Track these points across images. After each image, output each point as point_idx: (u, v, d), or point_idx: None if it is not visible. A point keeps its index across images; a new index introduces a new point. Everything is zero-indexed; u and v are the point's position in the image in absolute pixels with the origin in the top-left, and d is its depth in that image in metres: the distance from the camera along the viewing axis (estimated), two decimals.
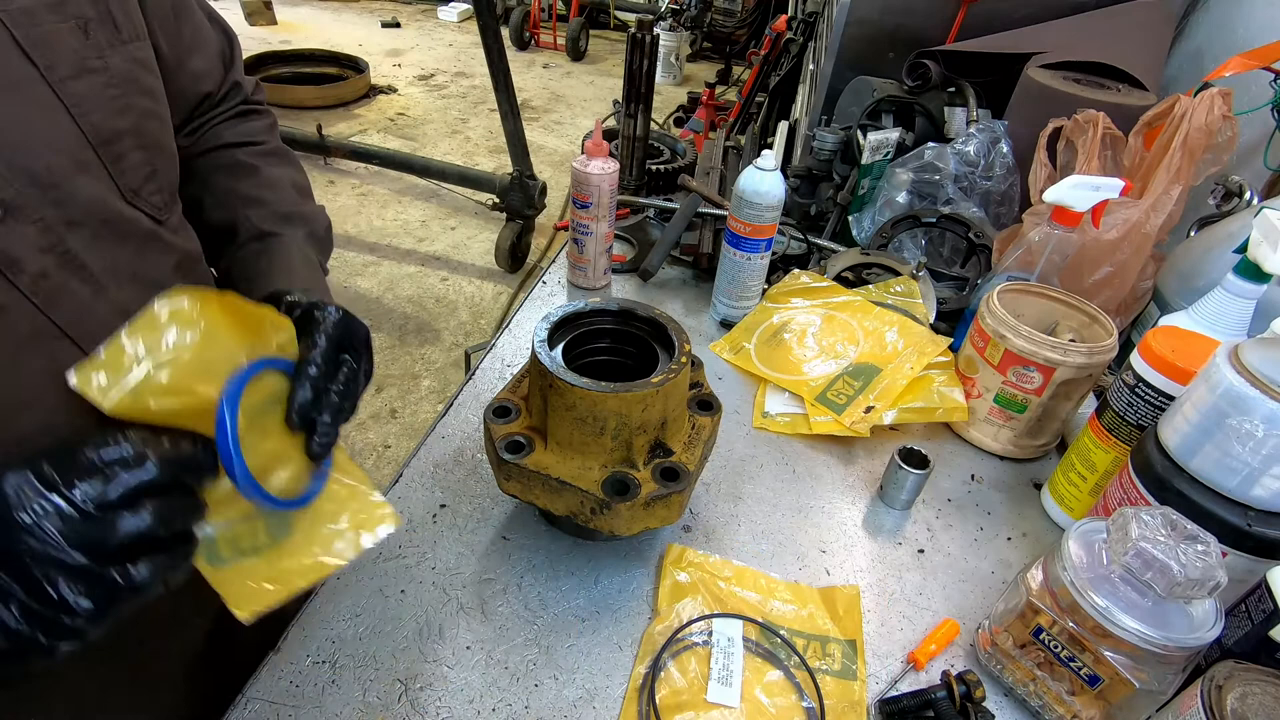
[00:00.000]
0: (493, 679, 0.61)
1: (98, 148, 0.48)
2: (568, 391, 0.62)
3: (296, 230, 0.66)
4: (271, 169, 0.69)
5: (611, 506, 0.61)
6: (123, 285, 0.50)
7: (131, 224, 0.51)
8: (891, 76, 1.45)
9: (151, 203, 0.53)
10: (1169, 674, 0.54)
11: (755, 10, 5.39)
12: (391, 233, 3.54)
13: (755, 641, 0.65)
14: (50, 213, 0.45)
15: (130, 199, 0.51)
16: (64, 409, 0.46)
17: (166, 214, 0.55)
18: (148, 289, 0.50)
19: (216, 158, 0.67)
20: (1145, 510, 0.55)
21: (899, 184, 1.21)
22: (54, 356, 0.46)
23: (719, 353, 1.03)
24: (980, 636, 0.66)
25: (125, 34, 0.52)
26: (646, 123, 1.24)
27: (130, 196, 0.51)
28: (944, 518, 0.81)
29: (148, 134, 0.53)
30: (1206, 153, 0.95)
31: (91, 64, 0.48)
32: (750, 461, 0.86)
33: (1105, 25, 1.34)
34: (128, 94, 0.51)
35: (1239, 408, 0.57)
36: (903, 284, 1.04)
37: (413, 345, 2.82)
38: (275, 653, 0.61)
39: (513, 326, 1.04)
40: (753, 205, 0.96)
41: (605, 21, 6.76)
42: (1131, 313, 1.03)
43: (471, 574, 0.69)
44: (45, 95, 0.45)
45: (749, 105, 3.00)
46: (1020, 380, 0.83)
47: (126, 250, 0.51)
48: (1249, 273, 0.71)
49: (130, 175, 0.51)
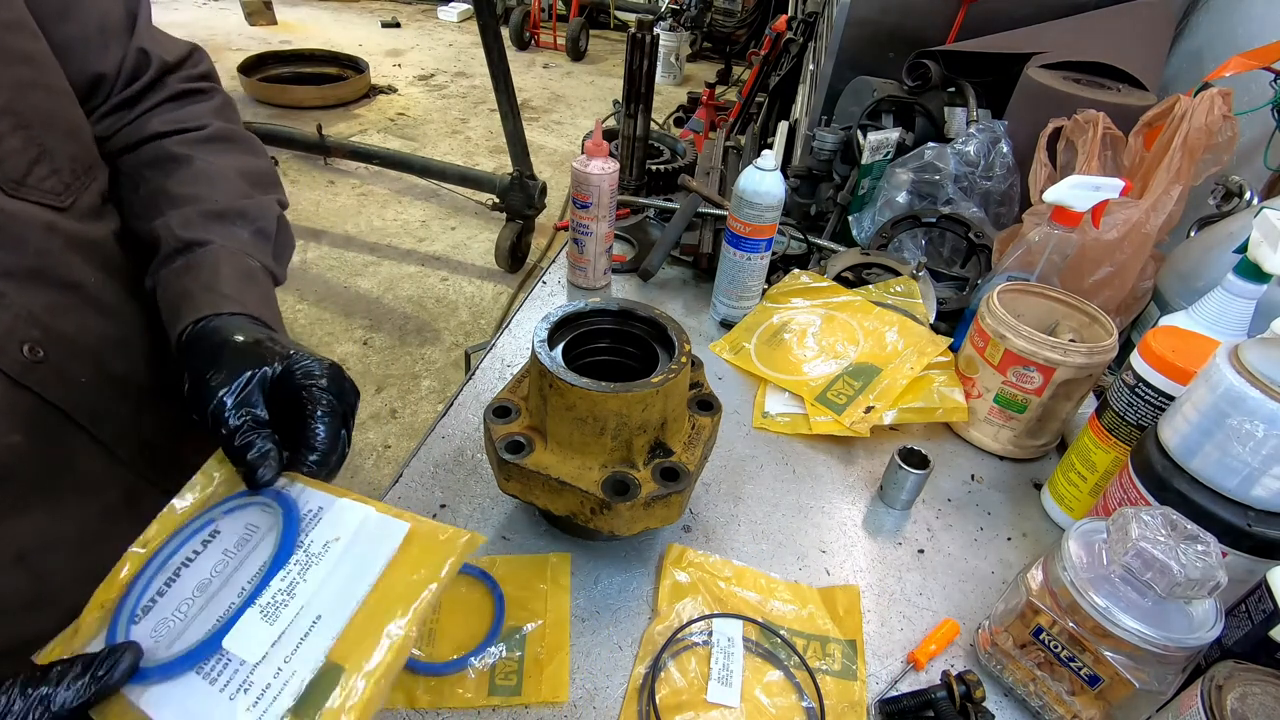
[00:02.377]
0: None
1: None
2: (568, 391, 0.62)
3: (234, 230, 0.55)
4: (209, 157, 0.57)
5: (611, 506, 0.61)
6: (25, 288, 0.44)
7: (21, 219, 0.44)
8: (891, 76, 1.45)
9: (44, 189, 0.46)
10: (1169, 674, 0.54)
11: (755, 10, 5.38)
12: (391, 233, 3.54)
13: (755, 641, 0.65)
14: None
15: (13, 191, 0.44)
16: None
17: (69, 197, 0.48)
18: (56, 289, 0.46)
19: (139, 154, 0.57)
20: (1145, 510, 0.55)
21: (899, 184, 1.21)
22: None
23: (719, 353, 1.03)
24: (980, 636, 0.66)
25: None
26: (646, 123, 1.24)
27: (12, 189, 0.44)
28: (944, 518, 0.81)
29: (27, 109, 0.45)
30: (1206, 153, 0.95)
31: None
32: (750, 461, 0.86)
33: (1105, 25, 1.34)
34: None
35: (1239, 408, 0.57)
36: (903, 284, 1.04)
37: (413, 345, 2.82)
38: None
39: (513, 326, 1.04)
40: (753, 205, 0.96)
41: (605, 21, 6.76)
42: (1131, 313, 1.03)
43: None
44: None
45: (749, 105, 3.00)
46: (1020, 380, 0.83)
47: (25, 250, 0.44)
48: (1249, 273, 0.71)
49: (9, 164, 0.44)
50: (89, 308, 0.48)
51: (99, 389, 0.49)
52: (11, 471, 0.45)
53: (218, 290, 0.50)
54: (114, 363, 0.50)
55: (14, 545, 0.46)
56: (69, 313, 0.47)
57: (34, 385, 0.45)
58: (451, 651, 0.61)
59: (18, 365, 0.44)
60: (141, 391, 0.52)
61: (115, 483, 0.51)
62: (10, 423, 0.44)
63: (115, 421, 0.50)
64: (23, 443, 0.45)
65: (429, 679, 0.59)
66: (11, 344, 0.43)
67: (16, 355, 0.44)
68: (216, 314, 0.48)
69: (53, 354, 0.45)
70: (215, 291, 0.50)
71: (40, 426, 0.46)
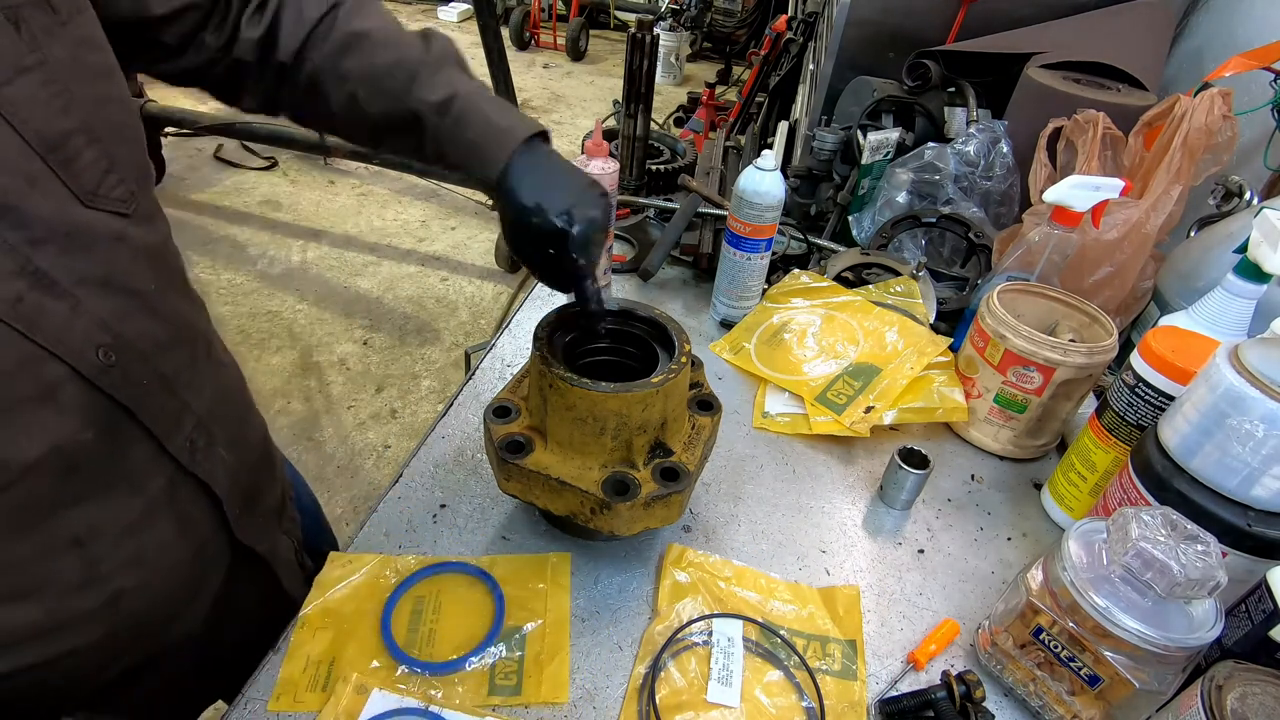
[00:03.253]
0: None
1: (45, 155, 0.44)
2: (568, 391, 0.62)
3: (450, 71, 0.62)
4: (373, 24, 0.63)
5: (611, 506, 0.61)
6: (96, 295, 0.48)
7: (94, 229, 0.48)
8: (891, 76, 1.45)
9: (114, 197, 0.49)
10: (1169, 674, 0.54)
11: (755, 10, 5.38)
12: (391, 233, 3.54)
13: (755, 641, 0.65)
14: (12, 235, 0.43)
15: (89, 201, 0.47)
16: (62, 426, 0.47)
17: (134, 203, 0.51)
18: (122, 296, 0.50)
19: (329, 44, 0.62)
20: (1145, 510, 0.55)
21: (899, 184, 1.21)
22: (44, 378, 0.45)
23: (719, 353, 1.03)
24: (980, 636, 0.66)
25: (63, 13, 0.46)
26: (646, 123, 1.24)
27: (88, 199, 0.47)
28: (944, 518, 0.81)
29: (100, 124, 0.48)
30: (1206, 153, 0.95)
31: (26, 62, 0.43)
32: (750, 461, 0.86)
33: (1105, 25, 1.34)
34: (73, 86, 0.46)
35: (1239, 408, 0.57)
36: (903, 284, 1.04)
37: (413, 345, 2.82)
38: (275, 652, 0.61)
39: (513, 326, 1.04)
40: (753, 205, 0.96)
41: (605, 21, 6.76)
42: (1131, 313, 1.03)
43: None
44: None
45: (749, 105, 3.00)
46: (1020, 380, 0.83)
47: (94, 258, 0.48)
48: (1249, 273, 0.71)
49: (85, 176, 0.47)
50: (146, 313, 0.52)
51: (155, 389, 0.53)
52: (79, 465, 0.49)
53: (490, 124, 0.61)
54: (163, 363, 0.54)
55: (72, 531, 0.51)
56: (131, 318, 0.51)
57: (107, 387, 0.48)
58: (451, 651, 0.61)
59: (94, 368, 0.47)
60: (182, 391, 0.56)
61: (160, 474, 0.56)
62: (85, 421, 0.48)
63: (165, 419, 0.54)
64: (93, 439, 0.49)
65: (429, 679, 0.59)
66: (89, 348, 0.47)
67: (93, 359, 0.47)
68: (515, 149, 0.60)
69: (121, 357, 0.49)
70: (491, 127, 0.61)
71: (108, 424, 0.50)
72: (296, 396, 2.52)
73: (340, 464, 2.29)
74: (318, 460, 2.29)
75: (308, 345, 2.73)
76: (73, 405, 0.47)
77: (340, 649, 0.61)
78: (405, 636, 0.62)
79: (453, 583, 0.67)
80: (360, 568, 0.67)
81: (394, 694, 0.57)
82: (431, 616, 0.64)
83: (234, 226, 3.42)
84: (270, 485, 0.75)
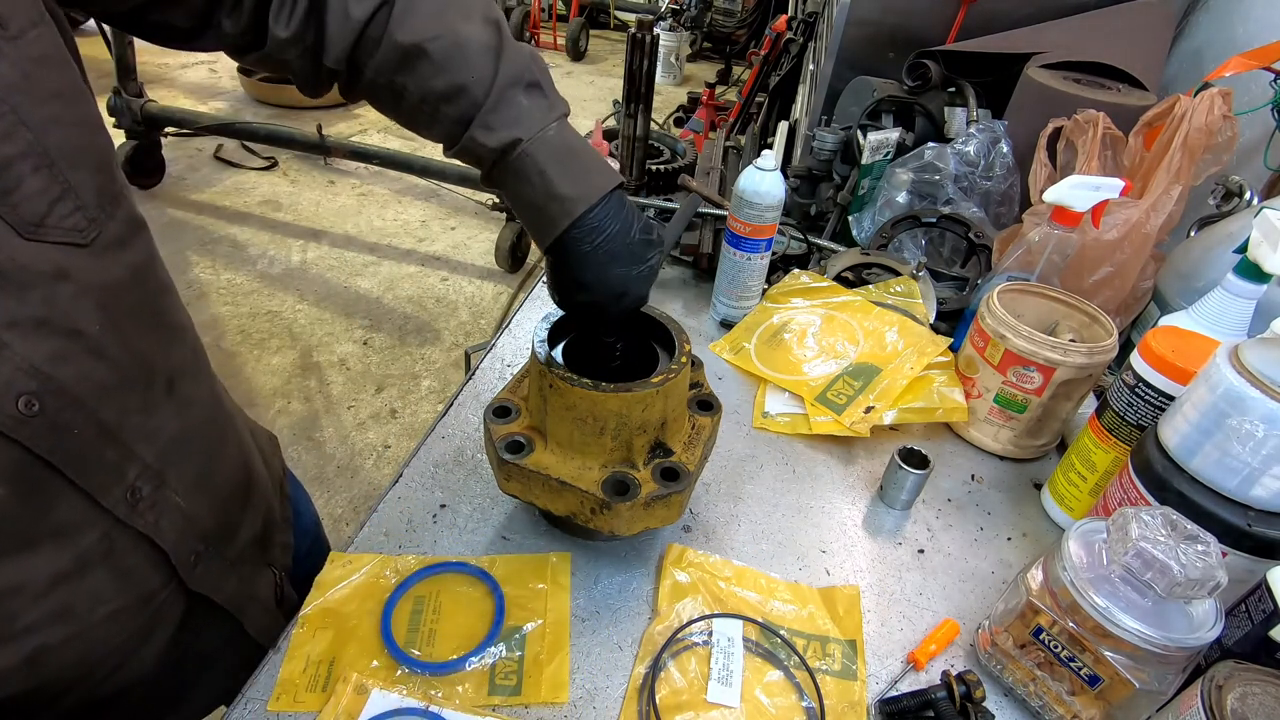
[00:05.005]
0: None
1: None
2: (568, 391, 0.62)
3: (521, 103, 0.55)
4: (433, 31, 0.54)
5: (611, 506, 0.61)
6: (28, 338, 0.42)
7: (34, 267, 0.42)
8: (891, 76, 1.45)
9: (65, 227, 0.44)
10: (1169, 674, 0.54)
11: (755, 10, 5.38)
12: (391, 233, 3.54)
13: (755, 641, 0.65)
14: None
15: (29, 235, 0.42)
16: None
17: (93, 231, 0.46)
18: (59, 338, 0.44)
19: (377, 61, 0.55)
20: (1145, 510, 0.55)
21: (899, 184, 1.21)
22: None
23: (719, 353, 1.03)
24: (980, 636, 0.66)
25: (13, 27, 0.41)
26: (646, 123, 1.24)
27: (29, 232, 0.42)
28: (944, 518, 0.81)
29: (55, 148, 0.43)
30: (1206, 153, 0.95)
31: None
32: (750, 461, 0.86)
33: (1105, 25, 1.34)
34: (21, 108, 0.41)
35: (1239, 408, 0.57)
36: (903, 284, 1.04)
37: (413, 345, 2.82)
38: (275, 652, 0.61)
39: (513, 326, 1.04)
40: (753, 205, 0.96)
41: (605, 21, 6.77)
42: (1131, 313, 1.03)
43: None
44: None
45: (749, 105, 3.00)
46: (1020, 380, 0.83)
47: (31, 299, 0.42)
48: (1249, 273, 0.71)
49: (27, 207, 0.42)
50: (89, 355, 0.47)
51: (89, 438, 0.47)
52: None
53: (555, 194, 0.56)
54: (105, 410, 0.48)
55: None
56: (69, 361, 0.45)
57: (24, 440, 0.43)
58: (451, 651, 0.61)
59: (10, 420, 0.42)
60: (128, 437, 0.51)
61: (94, 527, 0.50)
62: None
63: (101, 469, 0.49)
64: (5, 495, 0.44)
65: (429, 679, 0.59)
66: (8, 398, 0.42)
67: (11, 410, 0.42)
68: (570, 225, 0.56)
69: (48, 406, 0.44)
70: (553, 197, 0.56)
71: (24, 479, 0.45)
72: (296, 396, 2.52)
73: (340, 464, 2.29)
74: (318, 460, 2.29)
75: (308, 345, 2.74)
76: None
77: (340, 649, 0.61)
78: (405, 636, 0.62)
79: (453, 583, 0.67)
80: (360, 568, 0.67)
81: (394, 694, 0.57)
82: (431, 616, 0.64)
83: (234, 226, 3.43)
84: (249, 517, 0.69)
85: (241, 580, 0.66)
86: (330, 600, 0.64)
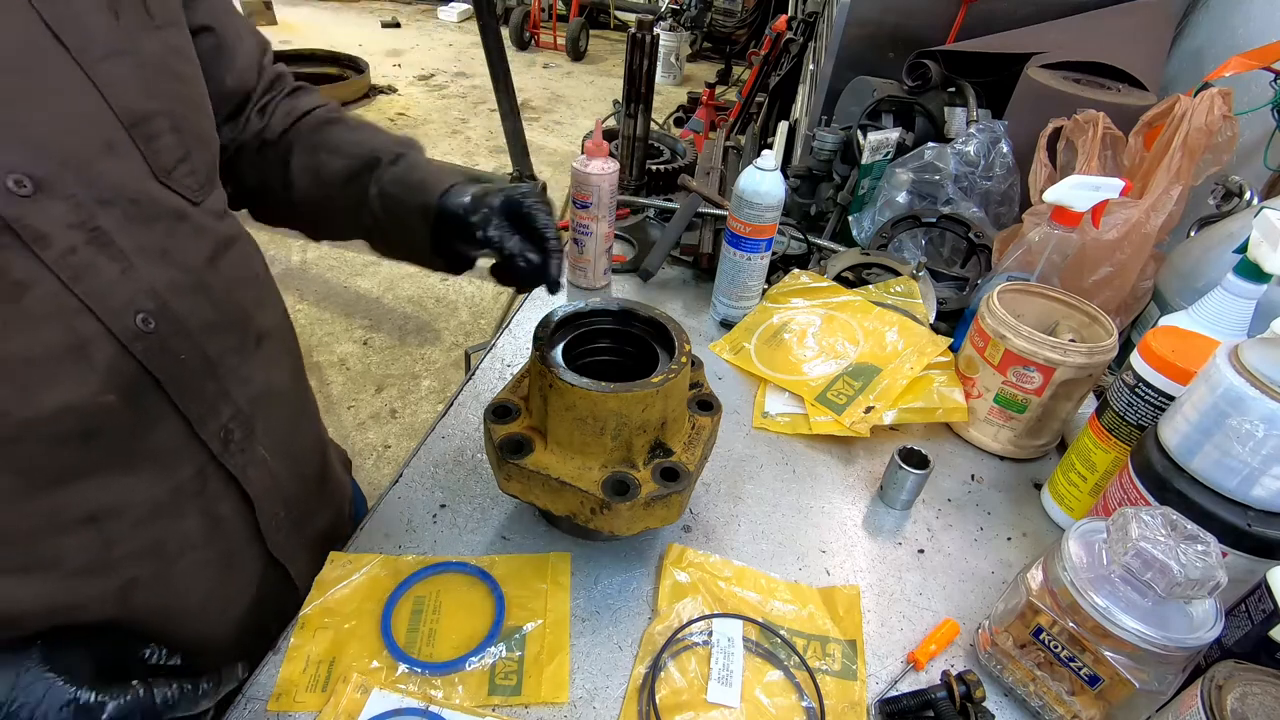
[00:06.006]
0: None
1: (129, 128, 0.49)
2: (568, 391, 0.62)
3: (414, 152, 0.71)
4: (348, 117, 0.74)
5: (611, 506, 0.61)
6: (151, 263, 0.50)
7: (162, 204, 0.52)
8: (891, 76, 1.45)
9: (185, 184, 0.54)
10: (1169, 674, 0.54)
11: (755, 10, 5.38)
12: None
13: (755, 641, 0.65)
14: (81, 191, 0.45)
15: (163, 179, 0.52)
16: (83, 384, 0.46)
17: (201, 196, 0.55)
18: (177, 269, 0.52)
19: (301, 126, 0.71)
20: (1145, 510, 0.55)
21: (899, 184, 1.21)
22: (74, 329, 0.46)
23: (719, 353, 1.03)
24: (980, 636, 0.66)
25: (158, 19, 0.52)
26: (646, 123, 1.24)
27: (163, 176, 0.52)
28: (944, 518, 0.81)
29: (181, 117, 0.53)
30: (1206, 153, 0.95)
31: (121, 46, 0.48)
32: (750, 461, 0.86)
33: (1105, 25, 1.34)
34: (160, 78, 0.52)
35: (1239, 408, 0.57)
36: (903, 284, 1.04)
37: (413, 345, 2.82)
38: (275, 653, 0.61)
39: (513, 326, 1.04)
40: (753, 205, 0.96)
41: (605, 21, 6.77)
42: (1131, 313, 1.03)
43: None
44: (75, 76, 0.46)
45: (749, 105, 3.00)
46: (1020, 380, 0.83)
47: (157, 229, 0.51)
48: (1249, 273, 0.71)
49: (164, 156, 0.52)
50: (200, 291, 0.54)
51: (194, 366, 0.53)
52: (99, 430, 0.48)
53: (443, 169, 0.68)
54: (209, 344, 0.54)
55: (87, 505, 0.49)
56: (183, 293, 0.52)
57: (138, 354, 0.49)
58: (451, 651, 0.61)
59: (129, 332, 0.48)
60: (225, 375, 0.56)
61: (189, 460, 0.54)
62: (109, 383, 0.48)
63: (201, 400, 0.54)
64: (116, 404, 0.48)
65: (429, 678, 0.59)
66: (128, 312, 0.48)
67: (130, 323, 0.48)
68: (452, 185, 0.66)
69: (162, 328, 0.50)
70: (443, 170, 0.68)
71: (134, 391, 0.49)
72: None
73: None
74: None
75: (308, 345, 2.74)
76: (99, 366, 0.47)
77: (340, 649, 0.61)
78: (405, 636, 0.62)
79: (453, 583, 0.68)
80: (360, 568, 0.67)
81: (394, 694, 0.58)
82: (431, 616, 0.64)
83: None
84: (324, 509, 0.74)
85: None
86: (330, 600, 0.64)
